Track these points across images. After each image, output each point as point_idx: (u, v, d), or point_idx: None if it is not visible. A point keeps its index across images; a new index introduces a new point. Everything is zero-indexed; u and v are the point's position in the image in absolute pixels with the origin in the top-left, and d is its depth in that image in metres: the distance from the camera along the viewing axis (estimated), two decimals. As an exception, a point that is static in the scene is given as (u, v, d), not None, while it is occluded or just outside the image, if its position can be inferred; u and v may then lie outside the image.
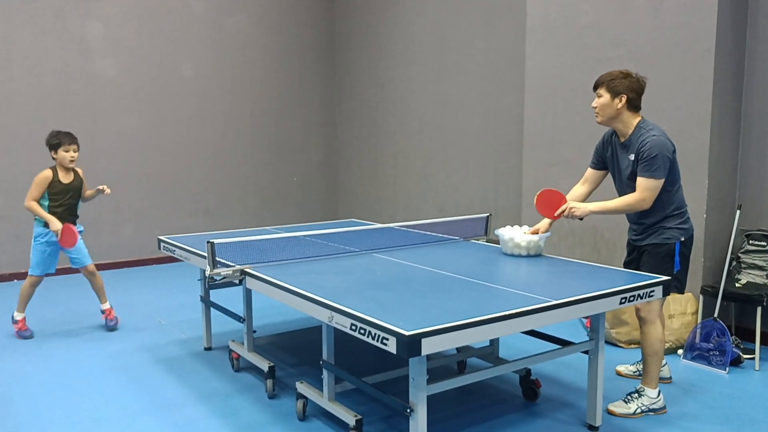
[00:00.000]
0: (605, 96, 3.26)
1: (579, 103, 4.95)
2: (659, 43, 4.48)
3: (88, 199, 4.90)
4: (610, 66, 4.71)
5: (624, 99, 3.23)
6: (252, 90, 7.93)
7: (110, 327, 4.88)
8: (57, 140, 4.63)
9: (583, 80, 4.97)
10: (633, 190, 3.26)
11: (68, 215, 4.72)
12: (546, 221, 3.53)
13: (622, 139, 3.33)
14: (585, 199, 3.56)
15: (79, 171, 4.80)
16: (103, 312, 4.93)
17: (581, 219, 3.33)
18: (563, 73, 5.13)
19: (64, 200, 4.68)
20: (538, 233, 3.53)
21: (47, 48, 6.62)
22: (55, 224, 4.54)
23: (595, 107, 3.31)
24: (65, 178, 4.69)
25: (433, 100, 7.02)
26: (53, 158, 4.69)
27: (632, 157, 3.25)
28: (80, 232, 4.69)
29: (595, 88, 3.32)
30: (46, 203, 4.64)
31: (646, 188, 3.18)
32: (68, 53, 6.73)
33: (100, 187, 4.79)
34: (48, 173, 4.63)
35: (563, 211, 3.32)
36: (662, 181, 3.19)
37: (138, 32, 7.10)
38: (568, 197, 3.50)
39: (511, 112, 6.09)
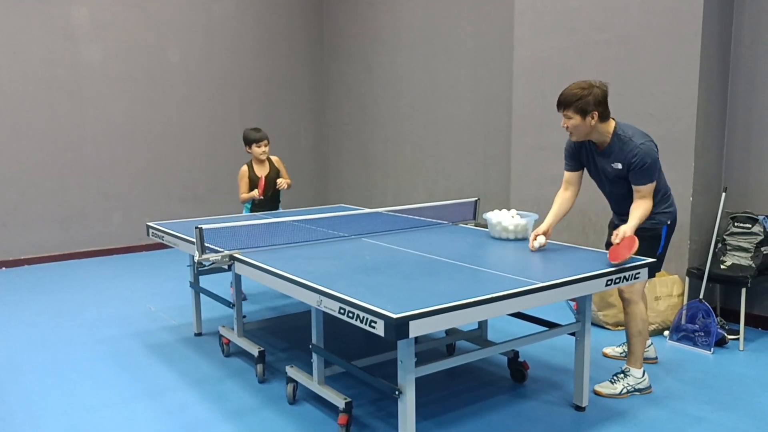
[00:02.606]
0: (575, 117, 3.16)
1: (567, 88, 4.96)
2: (647, 27, 4.48)
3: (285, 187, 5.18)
4: (599, 50, 4.73)
5: (596, 116, 3.14)
6: (240, 75, 7.88)
7: None
8: (249, 138, 5.02)
9: (572, 64, 4.98)
10: (624, 188, 3.30)
11: (272, 204, 5.19)
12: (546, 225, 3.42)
13: (600, 147, 3.29)
14: (573, 202, 3.50)
15: (275, 160, 5.16)
16: None
17: None
18: (552, 57, 5.14)
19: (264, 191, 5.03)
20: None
21: (32, 34, 6.54)
22: (253, 194, 4.99)
23: (567, 127, 3.22)
24: (260, 171, 5.09)
25: (422, 86, 7.00)
26: (248, 153, 5.06)
27: (619, 165, 3.23)
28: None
29: (561, 107, 3.19)
30: None
31: (650, 191, 3.23)
32: (53, 39, 6.65)
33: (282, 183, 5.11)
34: (244, 168, 5.09)
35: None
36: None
37: (124, 17, 7.02)
38: (556, 203, 3.47)
39: (500, 97, 6.09)
